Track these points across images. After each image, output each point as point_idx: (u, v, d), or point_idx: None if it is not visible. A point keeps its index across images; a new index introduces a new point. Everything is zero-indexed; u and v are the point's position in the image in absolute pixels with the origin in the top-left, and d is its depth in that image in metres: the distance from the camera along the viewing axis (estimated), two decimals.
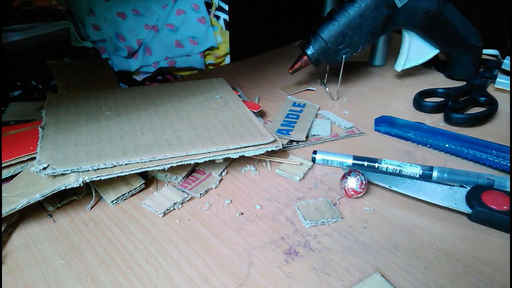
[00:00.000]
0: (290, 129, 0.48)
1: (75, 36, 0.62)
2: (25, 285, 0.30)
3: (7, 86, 0.58)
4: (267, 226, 0.35)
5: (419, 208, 0.37)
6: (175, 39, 0.68)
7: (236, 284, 0.30)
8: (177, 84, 0.54)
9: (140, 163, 0.36)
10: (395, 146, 0.47)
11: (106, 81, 0.59)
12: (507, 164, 0.41)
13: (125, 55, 0.64)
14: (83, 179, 0.34)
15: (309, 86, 0.61)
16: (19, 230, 0.35)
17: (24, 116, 0.50)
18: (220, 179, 0.41)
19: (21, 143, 0.40)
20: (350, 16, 0.52)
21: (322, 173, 0.42)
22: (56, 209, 0.37)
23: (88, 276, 0.31)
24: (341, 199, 0.38)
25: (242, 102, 0.49)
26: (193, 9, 0.68)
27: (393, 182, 0.38)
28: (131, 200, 0.38)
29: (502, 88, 0.59)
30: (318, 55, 0.54)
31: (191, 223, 0.36)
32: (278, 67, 0.67)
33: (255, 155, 0.40)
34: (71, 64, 0.63)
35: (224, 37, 0.71)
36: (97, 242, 0.34)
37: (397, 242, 0.34)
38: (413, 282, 0.30)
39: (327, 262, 0.32)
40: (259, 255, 0.32)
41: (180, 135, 0.41)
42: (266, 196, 0.39)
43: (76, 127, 0.42)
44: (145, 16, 0.66)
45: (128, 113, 0.45)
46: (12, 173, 0.38)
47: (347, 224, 0.35)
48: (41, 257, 0.32)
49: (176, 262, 0.32)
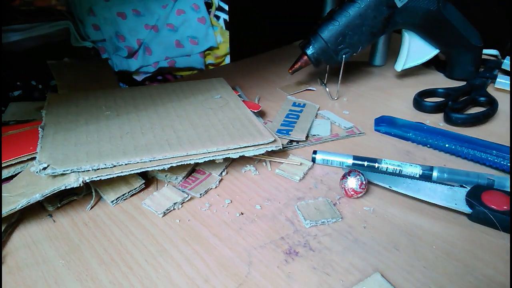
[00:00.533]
0: (290, 129, 0.48)
1: (75, 36, 0.62)
2: (25, 285, 0.30)
3: (7, 86, 0.58)
4: (267, 226, 0.35)
5: (419, 208, 0.37)
6: (175, 39, 0.68)
7: (236, 284, 0.30)
8: (177, 84, 0.54)
9: (140, 163, 0.36)
10: (395, 146, 0.47)
11: (106, 81, 0.59)
12: (507, 164, 0.41)
13: (125, 55, 0.64)
14: (83, 179, 0.34)
15: (309, 86, 0.61)
16: (19, 230, 0.35)
17: (24, 116, 0.50)
18: (220, 179, 0.41)
19: (21, 143, 0.40)
20: (350, 16, 0.52)
21: (322, 173, 0.42)
22: (56, 209, 0.37)
23: (88, 276, 0.31)
24: (341, 199, 0.38)
25: (242, 102, 0.49)
26: (193, 9, 0.68)
27: (393, 182, 0.38)
28: (131, 200, 0.38)
29: (502, 88, 0.59)
30: (318, 55, 0.54)
31: (191, 223, 0.36)
32: (278, 67, 0.67)
33: (255, 155, 0.40)
34: (71, 64, 0.63)
35: (224, 37, 0.71)
36: (97, 242, 0.34)
37: (397, 242, 0.34)
38: (413, 282, 0.30)
39: (327, 262, 0.32)
40: (259, 255, 0.32)
41: (180, 135, 0.41)
42: (266, 196, 0.39)
43: (76, 127, 0.42)
44: (145, 16, 0.66)
45: (128, 113, 0.45)
46: (12, 173, 0.38)
47: (347, 224, 0.35)
48: (41, 257, 0.32)
49: (176, 262, 0.32)
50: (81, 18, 0.62)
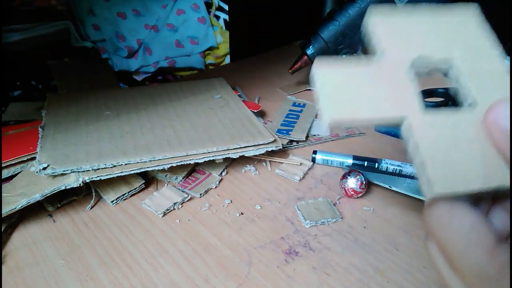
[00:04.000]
0: (290, 129, 0.48)
1: (75, 36, 0.62)
2: (25, 285, 0.30)
3: (7, 86, 0.58)
4: (267, 226, 0.35)
5: (419, 208, 0.37)
6: (175, 39, 0.68)
7: (236, 284, 0.30)
8: (177, 84, 0.54)
9: (140, 163, 0.36)
10: (395, 146, 0.47)
11: (106, 81, 0.59)
12: None
13: (125, 55, 0.64)
14: (83, 179, 0.34)
15: (309, 86, 0.61)
16: (19, 230, 0.35)
17: (24, 116, 0.50)
18: (220, 179, 0.41)
19: (21, 143, 0.40)
20: (350, 16, 0.52)
21: (322, 173, 0.42)
22: (56, 209, 0.37)
23: (88, 276, 0.30)
24: (341, 199, 0.38)
25: (242, 102, 0.49)
26: (193, 9, 0.68)
27: (393, 182, 0.38)
28: (131, 200, 0.38)
29: None
30: (318, 55, 0.54)
31: (191, 223, 0.36)
32: (278, 67, 0.67)
33: (255, 155, 0.40)
34: (71, 64, 0.63)
35: (224, 37, 0.71)
36: (97, 242, 0.34)
37: (397, 242, 0.34)
38: (413, 282, 0.30)
39: (327, 262, 0.32)
40: (259, 255, 0.32)
41: (180, 135, 0.41)
42: (266, 196, 0.39)
43: (76, 127, 0.42)
44: (145, 16, 0.66)
45: (128, 113, 0.45)
46: (12, 173, 0.38)
47: (347, 224, 0.35)
48: (41, 257, 0.32)
49: (176, 262, 0.32)
50: (81, 18, 0.62)
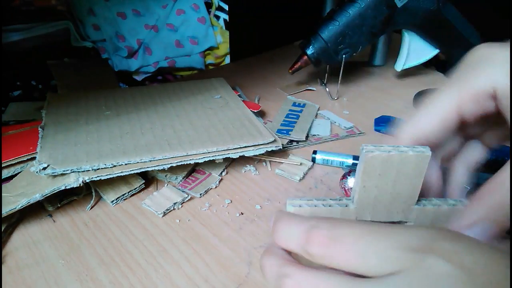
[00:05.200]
0: (290, 129, 0.48)
1: (75, 36, 0.62)
2: (25, 285, 0.30)
3: (7, 86, 0.58)
4: (267, 226, 0.35)
5: None
6: (175, 39, 0.68)
7: (236, 284, 0.30)
8: (177, 84, 0.54)
9: (140, 163, 0.36)
10: None
11: (106, 81, 0.59)
12: None
13: (125, 55, 0.64)
14: (83, 179, 0.34)
15: (309, 86, 0.61)
16: (19, 230, 0.35)
17: (24, 116, 0.50)
18: (220, 179, 0.41)
19: (21, 143, 0.40)
20: (350, 16, 0.52)
21: (322, 173, 0.42)
22: (56, 209, 0.37)
23: (88, 276, 0.31)
24: None
25: (242, 102, 0.49)
26: (193, 9, 0.68)
27: None
28: (131, 200, 0.38)
29: None
30: (318, 55, 0.54)
31: (191, 223, 0.36)
32: (278, 67, 0.67)
33: (255, 155, 0.40)
34: (71, 64, 0.63)
35: (224, 37, 0.71)
36: (97, 242, 0.34)
37: None
38: None
39: None
40: (259, 255, 0.32)
41: (180, 135, 0.41)
42: (266, 196, 0.39)
43: (76, 127, 0.42)
44: (145, 16, 0.66)
45: (128, 113, 0.45)
46: (12, 173, 0.38)
47: None
48: (41, 257, 0.32)
49: (176, 262, 0.32)
50: (81, 18, 0.62)
